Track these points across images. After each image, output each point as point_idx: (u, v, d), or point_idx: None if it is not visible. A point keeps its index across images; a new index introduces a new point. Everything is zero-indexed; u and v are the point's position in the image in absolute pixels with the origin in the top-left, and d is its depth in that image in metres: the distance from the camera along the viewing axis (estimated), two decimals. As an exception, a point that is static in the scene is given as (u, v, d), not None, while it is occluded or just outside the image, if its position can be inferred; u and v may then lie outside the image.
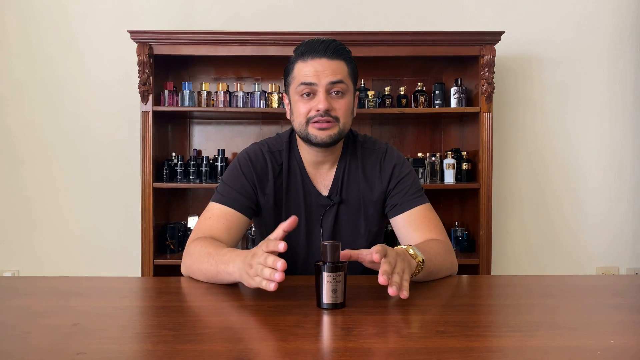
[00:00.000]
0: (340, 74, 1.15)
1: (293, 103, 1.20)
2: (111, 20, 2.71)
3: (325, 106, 1.13)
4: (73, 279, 1.24)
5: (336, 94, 1.16)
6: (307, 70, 1.15)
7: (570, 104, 2.79)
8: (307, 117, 1.16)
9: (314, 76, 1.14)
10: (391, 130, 2.81)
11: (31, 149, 2.73)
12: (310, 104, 1.16)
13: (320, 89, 1.14)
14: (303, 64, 1.16)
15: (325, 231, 1.26)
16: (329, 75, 1.14)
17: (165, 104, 2.49)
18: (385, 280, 0.85)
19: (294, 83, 1.18)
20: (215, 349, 0.71)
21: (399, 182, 1.27)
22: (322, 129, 1.15)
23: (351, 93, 1.20)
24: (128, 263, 2.70)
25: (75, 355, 0.69)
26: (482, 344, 0.74)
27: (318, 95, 1.15)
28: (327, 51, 1.15)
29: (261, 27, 2.58)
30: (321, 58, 1.14)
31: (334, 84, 1.15)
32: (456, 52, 2.46)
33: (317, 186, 1.27)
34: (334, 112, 1.16)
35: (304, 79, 1.15)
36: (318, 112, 1.14)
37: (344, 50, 1.18)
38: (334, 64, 1.15)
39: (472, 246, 2.59)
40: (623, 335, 0.79)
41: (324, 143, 1.17)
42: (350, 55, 1.20)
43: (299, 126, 1.19)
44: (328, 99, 1.15)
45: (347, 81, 1.17)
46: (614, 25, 2.78)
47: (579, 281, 1.20)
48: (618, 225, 2.82)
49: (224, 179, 1.25)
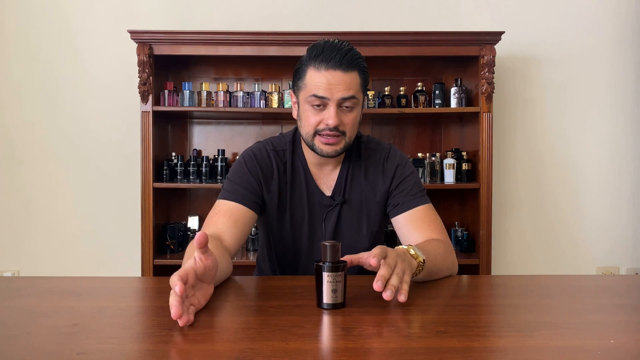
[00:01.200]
0: (352, 89, 1.14)
1: (302, 110, 1.19)
2: (111, 20, 2.71)
3: (335, 123, 1.13)
4: (73, 279, 1.24)
5: (346, 107, 1.15)
6: (320, 81, 1.12)
7: (570, 104, 2.79)
8: (315, 128, 1.16)
9: (327, 90, 1.12)
10: (391, 131, 2.81)
11: (31, 149, 2.73)
12: (320, 116, 1.15)
13: (332, 103, 1.13)
14: (316, 72, 1.13)
15: (327, 231, 1.26)
16: (341, 90, 1.12)
17: (165, 104, 2.49)
18: (380, 287, 0.84)
19: (305, 90, 1.16)
20: (215, 349, 0.71)
21: (401, 182, 1.28)
22: (329, 144, 1.16)
23: (360, 104, 1.19)
24: (128, 263, 2.70)
25: (75, 355, 0.69)
26: (482, 344, 0.74)
27: (329, 110, 1.14)
28: (343, 63, 1.12)
29: (261, 27, 2.58)
30: (336, 70, 1.12)
31: (345, 99, 1.14)
32: (456, 52, 2.46)
33: (320, 186, 1.28)
34: (342, 126, 1.16)
35: (317, 92, 1.13)
36: (327, 126, 1.14)
37: (357, 59, 1.15)
38: (347, 78, 1.13)
39: (472, 246, 2.59)
40: (623, 335, 0.79)
41: (328, 156, 1.19)
42: (364, 63, 1.18)
43: (306, 134, 1.19)
44: (338, 113, 1.14)
45: (358, 94, 1.16)
46: (614, 26, 2.78)
47: (579, 281, 1.20)
48: (618, 225, 2.82)
49: (230, 176, 1.25)
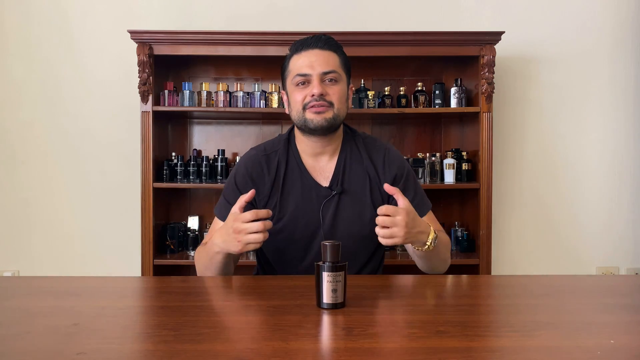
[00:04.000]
0: (332, 64, 1.23)
1: (290, 94, 1.27)
2: (111, 20, 2.70)
3: (319, 90, 1.20)
4: (73, 279, 1.24)
5: (329, 81, 1.23)
6: (302, 62, 1.23)
7: (570, 104, 2.79)
8: (303, 103, 1.23)
9: (308, 67, 1.22)
10: (391, 130, 2.81)
11: (31, 149, 2.72)
12: (305, 91, 1.23)
13: (314, 77, 1.22)
14: (297, 56, 1.25)
15: (326, 221, 1.26)
16: (322, 64, 1.22)
17: (165, 104, 2.49)
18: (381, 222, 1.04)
19: (290, 76, 1.26)
20: (215, 349, 0.71)
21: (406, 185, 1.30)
22: (318, 113, 1.21)
23: (344, 82, 1.27)
24: (128, 263, 2.70)
25: (75, 355, 0.69)
26: (482, 344, 0.74)
27: (312, 82, 1.22)
28: (319, 42, 1.24)
29: (261, 27, 2.58)
30: (314, 49, 1.23)
31: (327, 73, 1.22)
32: (456, 52, 2.46)
33: (316, 178, 1.30)
34: (328, 97, 1.22)
35: (299, 71, 1.23)
36: (313, 97, 1.21)
37: (334, 42, 1.27)
38: (325, 54, 1.23)
39: (472, 246, 2.59)
40: (623, 335, 0.79)
41: (320, 127, 1.22)
42: (341, 49, 1.28)
43: (296, 114, 1.25)
44: (322, 86, 1.22)
45: (340, 71, 1.25)
46: (614, 26, 2.78)
47: (579, 281, 1.20)
48: (618, 225, 2.82)
49: (224, 192, 1.33)
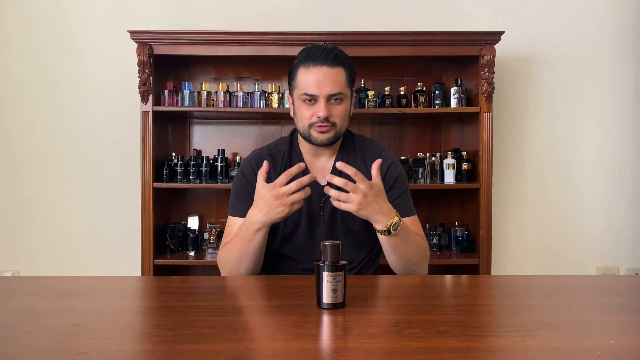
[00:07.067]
0: (339, 84, 1.28)
1: (297, 107, 1.33)
2: (111, 20, 2.70)
3: (325, 114, 1.27)
4: (73, 279, 1.24)
5: (335, 100, 1.29)
6: (310, 79, 1.27)
7: (570, 104, 2.79)
8: (309, 122, 1.29)
9: (316, 87, 1.27)
10: (391, 130, 2.81)
11: (31, 149, 2.72)
12: (312, 110, 1.29)
13: (321, 98, 1.27)
14: (305, 70, 1.28)
15: (325, 217, 1.32)
16: (329, 85, 1.27)
17: (165, 104, 2.49)
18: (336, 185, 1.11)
19: (298, 89, 1.30)
20: (215, 349, 0.71)
21: (393, 182, 1.36)
22: (322, 132, 1.29)
23: (349, 99, 1.33)
24: (128, 263, 2.70)
25: (75, 355, 0.69)
26: (482, 344, 0.74)
27: (319, 103, 1.28)
28: (328, 59, 1.27)
29: (261, 27, 2.58)
30: (322, 66, 1.27)
31: (332, 95, 1.27)
32: (456, 52, 2.46)
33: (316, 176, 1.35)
34: (332, 118, 1.29)
35: (307, 90, 1.27)
36: (319, 118, 1.27)
37: (343, 56, 1.31)
38: (333, 73, 1.27)
39: (472, 246, 2.59)
40: (623, 335, 0.79)
41: (322, 144, 1.32)
42: (349, 61, 1.32)
43: (302, 128, 1.32)
44: (328, 106, 1.27)
45: (345, 89, 1.30)
46: (614, 26, 2.77)
47: (579, 281, 1.20)
48: (618, 225, 2.82)
49: (233, 190, 1.39)
